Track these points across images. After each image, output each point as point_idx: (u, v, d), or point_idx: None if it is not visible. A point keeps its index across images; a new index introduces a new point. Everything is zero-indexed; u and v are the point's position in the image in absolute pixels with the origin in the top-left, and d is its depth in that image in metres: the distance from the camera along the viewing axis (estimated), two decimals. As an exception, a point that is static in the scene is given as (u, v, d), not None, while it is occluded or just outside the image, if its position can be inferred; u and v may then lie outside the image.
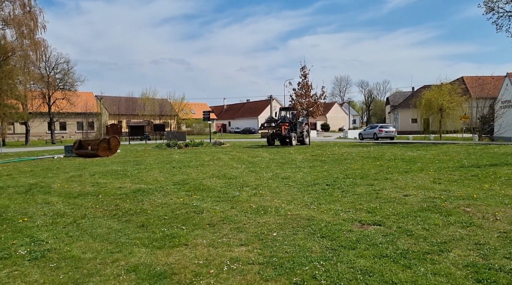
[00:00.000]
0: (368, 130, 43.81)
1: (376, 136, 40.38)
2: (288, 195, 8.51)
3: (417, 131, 58.11)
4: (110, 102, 64.48)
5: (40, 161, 20.19)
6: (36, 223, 7.08)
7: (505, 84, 40.52)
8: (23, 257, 5.23)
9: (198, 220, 6.66)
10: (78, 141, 26.61)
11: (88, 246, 5.61)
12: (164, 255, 5.03)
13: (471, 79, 59.06)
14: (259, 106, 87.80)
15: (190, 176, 11.98)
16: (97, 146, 23.55)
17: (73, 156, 24.21)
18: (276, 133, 28.06)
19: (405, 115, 62.22)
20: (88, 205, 8.43)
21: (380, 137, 39.82)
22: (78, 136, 57.11)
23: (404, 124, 61.72)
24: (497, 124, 38.22)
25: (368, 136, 41.85)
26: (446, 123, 44.88)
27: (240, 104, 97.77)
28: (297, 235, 5.56)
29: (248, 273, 4.32)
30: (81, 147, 25.66)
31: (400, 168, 12.01)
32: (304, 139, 28.86)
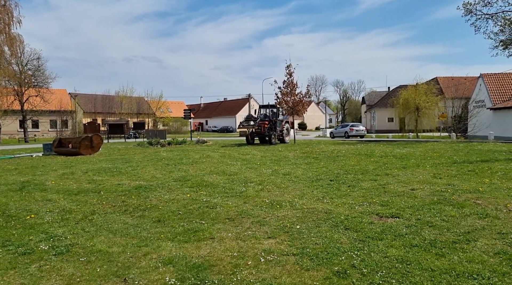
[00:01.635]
0: (339, 129, 44.92)
1: (347, 134, 41.42)
2: (296, 190, 8.61)
3: (393, 130, 59.32)
4: (86, 100, 63.17)
5: (20, 159, 19.67)
6: (45, 219, 6.95)
7: (479, 84, 41.91)
8: (47, 252, 5.15)
9: (214, 215, 6.68)
10: (58, 139, 26.01)
11: (110, 240, 5.57)
12: (194, 248, 5.05)
13: (444, 80, 60.73)
14: (237, 105, 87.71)
15: (188, 173, 11.93)
16: (79, 143, 23.08)
17: (52, 154, 23.66)
18: (256, 131, 27.63)
19: (381, 115, 63.43)
20: (93, 201, 8.32)
21: (351, 136, 40.87)
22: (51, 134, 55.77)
23: (381, 123, 62.89)
24: (471, 123, 39.45)
25: (339, 135, 42.88)
26: (423, 122, 46.05)
27: (217, 103, 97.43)
28: (321, 227, 5.67)
29: (286, 263, 4.39)
30: (61, 145, 25.08)
31: (396, 164, 12.30)
32: (284, 138, 28.62)
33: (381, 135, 45.03)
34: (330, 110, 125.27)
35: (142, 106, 67.96)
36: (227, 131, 79.54)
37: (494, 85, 39.92)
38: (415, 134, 42.83)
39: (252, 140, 28.12)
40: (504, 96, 38.88)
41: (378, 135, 44.43)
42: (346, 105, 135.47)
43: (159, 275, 4.22)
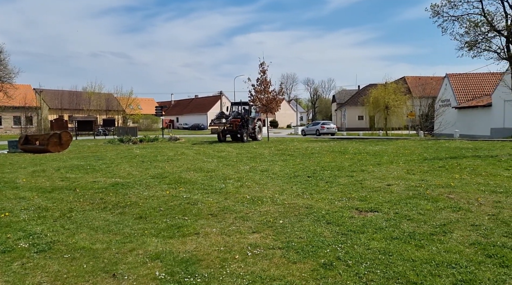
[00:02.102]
0: (310, 127, 45.64)
1: (319, 132, 42.12)
2: (275, 186, 8.73)
3: (363, 128, 60.54)
4: (52, 96, 61.41)
5: None
6: (21, 217, 6.81)
7: (444, 84, 43.34)
8: (28, 250, 5.07)
9: (196, 211, 6.71)
10: (24, 136, 25.29)
11: (93, 237, 5.52)
12: (180, 244, 5.08)
13: (412, 79, 62.39)
14: (208, 102, 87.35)
15: (165, 170, 11.87)
16: (48, 140, 22.51)
17: (18, 151, 22.96)
18: (228, 129, 27.45)
19: (352, 113, 64.62)
20: (69, 199, 8.18)
21: (322, 133, 41.56)
22: (15, 131, 53.99)
23: (351, 122, 64.04)
24: (437, 122, 40.78)
25: (310, 133, 43.54)
26: (392, 120, 47.24)
27: (188, 100, 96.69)
28: (303, 222, 5.80)
29: (273, 257, 4.49)
30: (28, 142, 24.39)
31: (370, 161, 12.61)
32: (256, 135, 28.57)
33: (352, 133, 45.90)
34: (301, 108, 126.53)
35: (111, 103, 66.66)
36: (199, 128, 79.12)
37: (459, 85, 41.37)
38: (385, 132, 43.84)
39: (224, 138, 27.77)
40: (468, 96, 40.37)
41: (349, 133, 45.27)
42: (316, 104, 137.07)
43: (148, 270, 4.23)
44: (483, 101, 36.68)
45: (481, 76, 41.75)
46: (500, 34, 25.83)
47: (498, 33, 25.70)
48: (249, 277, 3.97)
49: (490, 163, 11.26)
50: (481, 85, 40.98)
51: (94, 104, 61.93)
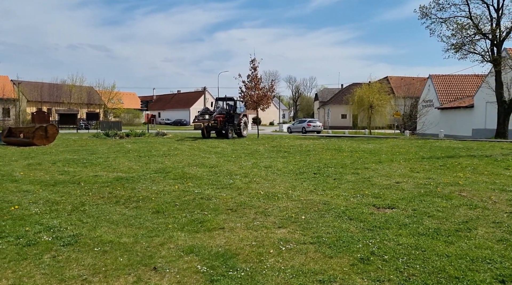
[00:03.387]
0: (297, 125, 45.88)
1: (305, 130, 42.38)
2: (284, 182, 8.77)
3: (347, 126, 61.21)
4: (31, 88, 59.85)
5: None
6: (32, 210, 6.69)
7: (427, 85, 44.15)
8: (53, 243, 5.00)
9: (214, 206, 6.70)
10: (8, 128, 24.76)
11: (116, 231, 5.47)
12: (208, 238, 5.07)
13: (395, 79, 63.39)
14: (191, 97, 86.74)
15: (166, 165, 11.77)
16: (33, 133, 22.02)
17: (1, 144, 22.40)
18: (212, 125, 26.63)
19: (335, 111, 65.19)
20: (77, 192, 8.06)
21: (308, 131, 41.87)
22: (-8, 124, 52.49)
23: (334, 120, 64.59)
24: (420, 122, 41.49)
25: (296, 130, 43.78)
26: (376, 119, 47.89)
27: (170, 95, 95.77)
28: (325, 218, 5.86)
29: (307, 251, 4.53)
30: (11, 134, 23.82)
31: (370, 158, 12.77)
32: (242, 132, 28.00)
33: (338, 131, 46.32)
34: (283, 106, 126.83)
35: (93, 96, 65.50)
36: (181, 124, 78.51)
37: (442, 86, 42.19)
38: (369, 131, 44.38)
39: (208, 134, 26.86)
40: (451, 97, 41.23)
41: (335, 132, 45.67)
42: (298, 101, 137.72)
43: (186, 264, 4.22)
44: (465, 103, 37.50)
45: (463, 78, 42.70)
46: (485, 37, 26.54)
47: (484, 36, 26.40)
48: (290, 271, 4.01)
49: (488, 162, 11.55)
50: (463, 87, 41.89)
51: (75, 98, 60.73)
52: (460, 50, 26.89)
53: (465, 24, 26.18)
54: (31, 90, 59.16)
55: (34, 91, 59.20)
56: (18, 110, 55.09)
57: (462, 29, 26.34)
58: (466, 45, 26.55)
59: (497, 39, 26.13)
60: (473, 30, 26.17)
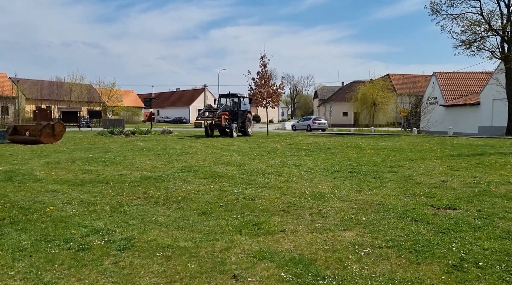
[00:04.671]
0: (301, 122, 45.50)
1: (310, 128, 42.00)
2: (323, 181, 8.47)
3: (348, 124, 61.01)
4: (31, 86, 59.15)
5: None
6: (69, 212, 6.35)
7: (432, 82, 43.91)
8: (107, 247, 4.68)
9: (262, 207, 6.38)
10: (13, 126, 24.32)
11: (169, 234, 5.15)
12: (273, 242, 4.76)
13: (396, 77, 63.15)
14: (191, 95, 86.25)
15: (190, 163, 11.44)
16: (40, 131, 21.60)
17: (6, 142, 21.99)
18: (216, 123, 25.59)
19: (336, 109, 64.84)
20: (108, 192, 7.72)
21: (314, 129, 41.49)
22: (-10, 121, 51.89)
23: (336, 118, 64.27)
24: (424, 119, 41.26)
25: (301, 128, 43.37)
26: (379, 117, 47.70)
27: (169, 93, 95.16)
28: (388, 219, 5.56)
29: (389, 257, 4.23)
30: (17, 132, 23.41)
31: (399, 156, 12.47)
32: (246, 130, 26.98)
33: (342, 129, 46.07)
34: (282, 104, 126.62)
35: (93, 94, 64.91)
36: (181, 122, 77.97)
37: (446, 83, 41.97)
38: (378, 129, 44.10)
39: (212, 132, 25.90)
40: (455, 94, 41.02)
41: (340, 129, 45.42)
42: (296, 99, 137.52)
43: (265, 271, 3.90)
44: (471, 100, 37.30)
45: (467, 75, 42.52)
46: (496, 33, 26.30)
47: (494, 32, 26.17)
48: (382, 279, 3.70)
49: (523, 160, 11.30)
50: (468, 84, 41.69)
51: (75, 95, 60.11)
52: (471, 47, 26.64)
53: (476, 20, 25.94)
54: (30, 88, 58.47)
55: (34, 89, 58.51)
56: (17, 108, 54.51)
57: (473, 25, 26.09)
58: (477, 41, 26.31)
59: (507, 35, 25.92)
60: (484, 27, 25.93)
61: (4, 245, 4.84)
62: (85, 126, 46.86)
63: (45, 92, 59.40)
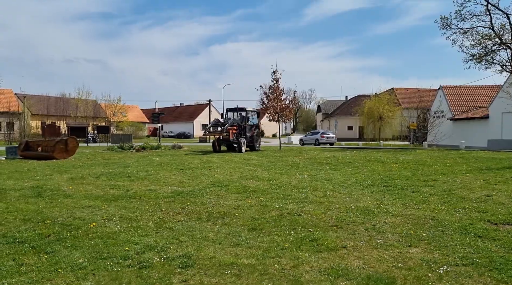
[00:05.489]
0: (309, 136, 45.27)
1: (318, 142, 41.78)
2: (363, 195, 8.33)
3: (353, 138, 60.93)
4: (37, 102, 59.37)
5: None
6: (114, 228, 6.23)
7: (438, 96, 43.97)
8: (169, 265, 4.58)
9: (311, 222, 6.25)
10: (25, 142, 24.24)
11: (227, 251, 5.02)
12: (340, 259, 4.62)
13: (401, 91, 63.23)
14: (195, 110, 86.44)
15: (218, 178, 11.31)
16: (53, 147, 21.55)
17: (17, 158, 21.89)
18: (224, 138, 24.62)
19: (341, 123, 64.79)
20: (145, 208, 7.60)
21: (322, 143, 41.26)
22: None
23: (341, 132, 64.17)
24: (432, 133, 41.14)
25: (309, 142, 43.12)
26: (385, 130, 47.70)
27: (173, 108, 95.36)
28: (449, 235, 5.42)
29: (471, 275, 4.07)
30: (29, 148, 23.35)
31: (427, 170, 12.32)
32: (254, 144, 26.18)
33: (351, 143, 45.93)
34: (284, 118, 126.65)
35: (98, 110, 65.10)
36: (185, 137, 77.85)
37: (454, 97, 42.04)
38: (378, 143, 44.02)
39: (219, 147, 25.04)
40: (463, 108, 41.04)
41: (348, 143, 45.27)
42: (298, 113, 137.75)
43: (347, 290, 3.76)
44: (479, 113, 37.29)
45: (474, 88, 42.61)
46: (506, 47, 26.39)
47: (505, 45, 26.26)
48: (472, 297, 3.55)
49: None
50: (475, 98, 41.73)
51: (81, 111, 60.26)
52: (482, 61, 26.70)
53: (487, 34, 26.05)
54: (37, 103, 58.65)
55: (40, 105, 58.69)
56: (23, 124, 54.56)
57: (483, 39, 26.19)
58: (488, 55, 26.38)
59: (517, 49, 25.97)
60: (495, 40, 26.03)
61: (60, 263, 4.72)
62: (91, 141, 46.83)
63: (52, 108, 59.57)
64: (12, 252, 5.15)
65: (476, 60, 26.95)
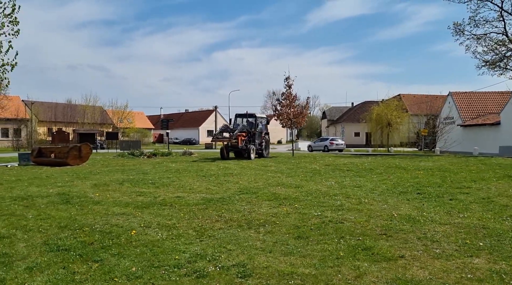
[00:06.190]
0: (318, 143, 45.16)
1: (327, 148, 41.61)
2: (400, 203, 8.21)
3: (360, 144, 60.72)
4: (45, 108, 59.48)
5: (8, 170, 18.02)
6: (155, 236, 6.14)
7: (448, 102, 43.77)
8: (226, 274, 4.50)
9: (356, 230, 6.13)
10: (38, 148, 24.27)
11: (280, 260, 4.92)
12: (402, 269, 4.50)
13: (407, 97, 63.08)
14: (200, 116, 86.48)
15: (244, 185, 11.20)
16: (67, 153, 21.55)
17: (30, 164, 21.88)
18: (232, 145, 23.93)
19: (348, 129, 64.71)
20: (181, 215, 7.49)
21: (331, 150, 41.10)
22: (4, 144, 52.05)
23: (347, 138, 64.03)
24: (442, 139, 40.92)
25: (317, 148, 43.00)
26: (394, 137, 47.46)
27: (178, 114, 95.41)
28: (507, 243, 5.30)
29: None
30: (41, 154, 23.35)
31: (454, 177, 12.16)
32: (263, 152, 25.60)
33: (360, 150, 45.73)
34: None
35: (105, 116, 65.24)
36: (190, 143, 77.73)
37: (463, 103, 41.84)
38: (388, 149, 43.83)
39: (227, 154, 24.32)
40: (473, 114, 40.81)
41: (357, 150, 45.08)
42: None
43: (425, 302, 3.63)
44: (490, 119, 37.09)
45: (484, 94, 42.44)
46: (519, 53, 26.33)
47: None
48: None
49: None
50: (485, 104, 41.52)
51: (88, 117, 60.38)
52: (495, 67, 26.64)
53: (500, 40, 26.02)
54: (44, 110, 58.76)
55: (48, 111, 58.81)
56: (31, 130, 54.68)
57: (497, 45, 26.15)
58: (502, 61, 26.32)
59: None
60: (509, 46, 25.97)
61: (114, 271, 4.62)
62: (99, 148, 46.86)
63: (59, 115, 59.71)
64: (60, 260, 5.05)
65: (489, 66, 26.92)
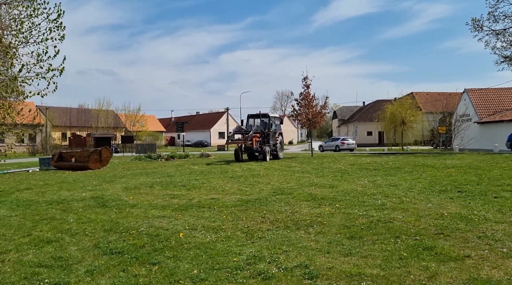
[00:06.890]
0: (329, 143, 45.02)
1: (339, 148, 41.46)
2: (444, 202, 8.07)
3: (372, 143, 60.38)
4: (60, 113, 60.03)
5: (22, 175, 18.18)
6: (205, 238, 6.12)
7: (463, 99, 43.33)
8: (291, 275, 4.48)
9: (409, 229, 6.03)
10: (58, 153, 24.54)
11: (341, 261, 4.86)
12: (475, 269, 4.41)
13: (420, 95, 62.55)
14: (212, 118, 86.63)
15: (276, 186, 11.15)
16: (88, 157, 21.69)
17: (51, 169, 22.07)
18: (246, 146, 23.40)
19: (360, 128, 64.31)
20: (223, 217, 7.44)
21: (342, 149, 40.94)
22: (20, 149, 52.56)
23: (360, 137, 63.68)
24: (459, 137, 40.46)
25: (329, 148, 42.85)
26: (408, 135, 47.14)
27: (189, 117, 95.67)
28: None
29: None
30: (62, 159, 23.56)
31: (489, 174, 11.95)
32: (278, 153, 24.92)
33: (375, 149, 45.44)
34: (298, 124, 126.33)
35: (117, 120, 65.70)
36: (202, 145, 77.84)
37: (479, 100, 41.37)
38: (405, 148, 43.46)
39: (242, 156, 23.83)
40: (489, 111, 40.32)
41: (372, 149, 44.80)
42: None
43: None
44: (508, 116, 36.62)
45: (500, 91, 41.93)
46: (540, 48, 25.93)
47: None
48: None
49: None
50: (502, 100, 41.03)
51: (102, 122, 60.82)
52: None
53: (521, 35, 25.66)
54: (59, 115, 59.31)
55: (63, 116, 59.38)
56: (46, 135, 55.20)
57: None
58: (521, 56, 25.95)
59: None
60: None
61: (176, 274, 4.59)
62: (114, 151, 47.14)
63: (73, 119, 60.30)
64: (117, 263, 5.04)
65: (509, 62, 26.54)
